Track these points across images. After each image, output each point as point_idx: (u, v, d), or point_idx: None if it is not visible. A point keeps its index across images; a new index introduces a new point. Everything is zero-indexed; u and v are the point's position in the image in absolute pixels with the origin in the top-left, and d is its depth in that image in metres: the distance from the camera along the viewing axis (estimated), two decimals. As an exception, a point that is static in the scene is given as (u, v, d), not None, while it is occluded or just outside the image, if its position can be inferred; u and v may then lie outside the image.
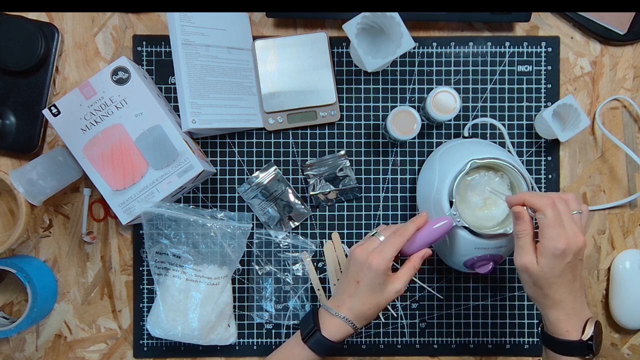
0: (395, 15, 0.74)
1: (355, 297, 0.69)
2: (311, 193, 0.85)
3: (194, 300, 0.79)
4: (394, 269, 0.70)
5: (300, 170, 0.85)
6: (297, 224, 0.85)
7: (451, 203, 0.73)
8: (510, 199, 0.67)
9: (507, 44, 0.85)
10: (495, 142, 0.84)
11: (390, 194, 0.86)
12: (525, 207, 0.65)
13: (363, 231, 0.85)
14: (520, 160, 0.85)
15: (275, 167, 0.85)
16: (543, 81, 0.85)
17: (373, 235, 0.71)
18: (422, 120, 0.83)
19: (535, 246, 0.64)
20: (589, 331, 0.64)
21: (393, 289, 0.68)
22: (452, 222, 0.71)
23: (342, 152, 0.85)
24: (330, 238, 0.85)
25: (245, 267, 0.85)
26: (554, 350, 0.66)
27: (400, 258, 0.74)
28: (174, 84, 0.84)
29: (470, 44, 0.85)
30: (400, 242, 0.68)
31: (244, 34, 0.84)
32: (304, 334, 0.70)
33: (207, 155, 0.85)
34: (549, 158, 0.86)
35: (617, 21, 0.84)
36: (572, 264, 0.63)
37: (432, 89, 0.82)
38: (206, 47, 0.79)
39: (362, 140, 0.86)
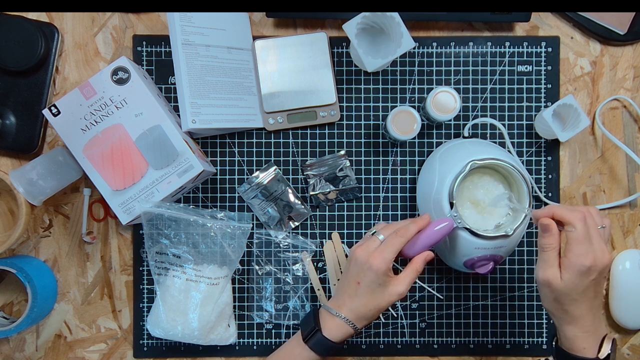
0: (395, 15, 0.74)
1: (356, 298, 0.69)
2: (311, 193, 0.85)
3: (194, 300, 0.79)
4: (394, 269, 0.69)
5: (300, 170, 0.85)
6: (297, 224, 0.85)
7: (452, 204, 0.73)
8: (538, 212, 0.65)
9: (507, 44, 0.85)
10: (495, 142, 0.84)
11: (390, 194, 0.86)
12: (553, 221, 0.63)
13: (363, 231, 0.85)
14: (520, 160, 0.85)
15: (275, 167, 0.85)
16: (543, 81, 0.85)
17: (373, 234, 0.71)
18: (422, 120, 0.83)
19: (560, 261, 0.63)
20: (606, 349, 0.63)
21: (395, 292, 0.68)
22: (453, 224, 0.71)
23: (342, 152, 0.85)
24: (330, 238, 0.85)
25: (245, 267, 0.85)
26: None
27: (400, 259, 0.74)
28: (174, 84, 0.84)
29: (470, 44, 0.85)
30: (401, 242, 0.68)
31: (244, 34, 0.84)
32: (305, 334, 0.70)
33: (207, 155, 0.85)
34: (549, 158, 0.86)
35: (617, 21, 0.84)
36: (596, 281, 0.62)
37: (432, 89, 0.82)
38: (206, 47, 0.79)
39: (362, 140, 0.86)
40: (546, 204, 0.85)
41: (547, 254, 0.63)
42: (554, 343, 0.70)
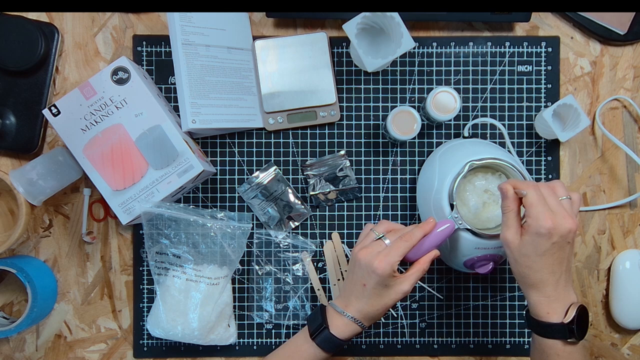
0: (395, 15, 0.74)
1: (362, 299, 0.69)
2: (311, 193, 0.85)
3: (194, 300, 0.79)
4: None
5: (300, 170, 0.85)
6: (297, 224, 0.85)
7: (452, 206, 0.73)
8: (500, 184, 0.68)
9: (507, 44, 0.85)
10: (495, 142, 0.84)
11: (390, 194, 0.86)
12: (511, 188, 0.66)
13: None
14: (520, 160, 0.85)
15: (275, 167, 0.85)
16: (543, 81, 0.85)
17: (379, 238, 0.71)
18: (422, 120, 0.83)
19: (521, 224, 0.65)
20: (571, 314, 0.64)
21: (400, 290, 0.68)
22: (454, 226, 0.71)
23: (342, 152, 0.85)
24: (330, 238, 0.85)
25: (245, 267, 0.85)
26: (536, 332, 0.66)
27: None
28: (174, 84, 0.84)
29: (470, 44, 0.85)
30: (407, 247, 0.68)
31: (244, 34, 0.84)
32: (312, 331, 0.71)
33: (207, 155, 0.85)
34: (549, 158, 0.86)
35: (617, 21, 0.84)
36: (559, 245, 0.63)
37: (432, 89, 0.82)
38: (206, 47, 0.79)
39: (362, 140, 0.86)
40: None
41: (506, 215, 0.66)
42: (524, 311, 0.70)
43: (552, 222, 0.62)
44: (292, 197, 0.84)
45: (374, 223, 0.75)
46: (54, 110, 0.76)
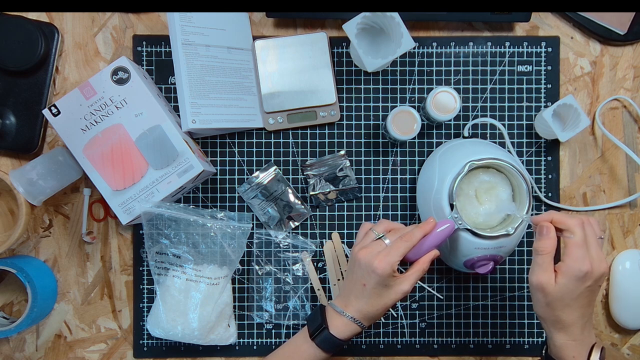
0: (395, 15, 0.74)
1: (362, 299, 0.69)
2: (311, 193, 0.85)
3: (194, 300, 0.79)
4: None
5: (300, 170, 0.85)
6: (297, 224, 0.85)
7: (452, 206, 0.73)
8: (537, 217, 0.65)
9: (507, 44, 0.85)
10: (495, 142, 0.84)
11: (390, 194, 0.86)
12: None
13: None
14: (520, 160, 0.85)
15: (275, 167, 0.85)
16: (543, 81, 0.85)
17: (379, 238, 0.70)
18: (422, 120, 0.83)
19: (554, 266, 0.63)
20: (595, 358, 0.63)
21: (400, 290, 0.68)
22: (454, 226, 0.71)
23: (342, 152, 0.85)
24: (330, 238, 0.85)
25: (245, 267, 0.85)
26: None
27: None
28: (174, 84, 0.84)
29: (470, 44, 0.85)
30: (407, 247, 0.68)
31: (244, 34, 0.84)
32: (312, 331, 0.71)
33: (207, 155, 0.85)
34: (549, 158, 0.86)
35: (617, 21, 0.84)
36: (591, 289, 0.62)
37: (432, 89, 0.82)
38: (206, 47, 0.79)
39: (362, 140, 0.86)
40: (546, 204, 0.85)
41: (542, 258, 0.63)
42: (543, 351, 0.70)
43: (591, 265, 0.61)
44: (292, 197, 0.85)
45: (373, 223, 0.75)
46: (54, 110, 0.76)
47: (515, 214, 0.72)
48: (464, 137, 0.85)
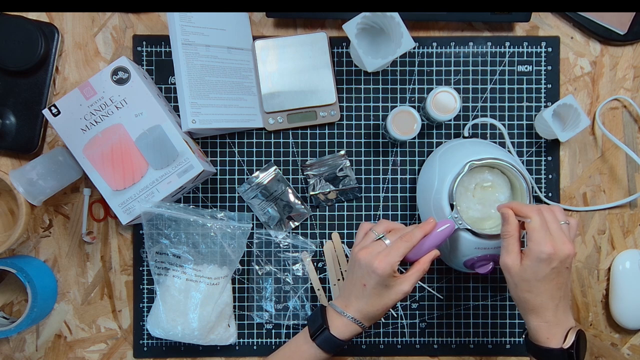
0: (395, 15, 0.74)
1: (362, 299, 0.69)
2: (311, 193, 0.85)
3: (194, 300, 0.79)
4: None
5: (300, 170, 0.85)
6: (297, 224, 0.85)
7: (452, 206, 0.73)
8: (500, 206, 0.69)
9: (507, 44, 0.85)
10: (495, 142, 0.84)
11: (390, 194, 0.86)
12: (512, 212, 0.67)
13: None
14: (520, 160, 0.85)
15: (275, 167, 0.85)
16: (543, 81, 0.85)
17: (380, 238, 0.70)
18: (422, 120, 0.83)
19: (520, 249, 0.66)
20: (570, 339, 0.64)
21: (401, 290, 0.68)
22: (454, 226, 0.71)
23: (342, 152, 0.85)
24: (330, 238, 0.85)
25: (245, 267, 0.85)
26: (535, 357, 0.67)
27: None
28: (174, 84, 0.84)
29: (470, 44, 0.85)
30: (407, 247, 0.68)
31: (244, 34, 0.84)
32: (312, 331, 0.71)
33: (207, 155, 0.85)
34: (549, 158, 0.86)
35: (617, 21, 0.84)
36: (557, 270, 0.64)
37: (432, 89, 0.82)
38: (206, 47, 0.79)
39: (362, 140, 0.86)
40: (547, 204, 0.85)
41: (507, 241, 0.66)
42: (524, 336, 0.71)
43: (553, 247, 0.63)
44: (292, 197, 0.84)
45: (373, 223, 0.75)
46: (54, 110, 0.76)
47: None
48: (464, 137, 0.85)
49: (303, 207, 0.85)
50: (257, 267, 0.85)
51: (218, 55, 0.80)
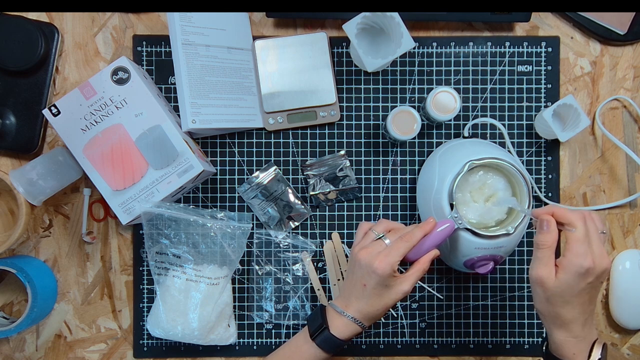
0: (395, 15, 0.74)
1: (362, 299, 0.69)
2: (311, 193, 0.85)
3: (194, 300, 0.79)
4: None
5: (300, 170, 0.85)
6: (297, 224, 0.85)
7: (452, 206, 0.73)
8: (538, 210, 0.64)
9: (507, 44, 0.85)
10: (495, 142, 0.84)
11: (390, 194, 0.86)
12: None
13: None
14: (520, 160, 0.85)
15: (275, 167, 0.85)
16: (543, 81, 0.85)
17: (379, 238, 0.70)
18: (422, 120, 0.83)
19: (555, 260, 0.62)
20: (596, 355, 0.62)
21: (401, 290, 0.68)
22: (454, 226, 0.71)
23: (342, 152, 0.85)
24: (330, 238, 0.85)
25: (245, 267, 0.85)
26: None
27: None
28: (174, 84, 0.84)
29: (470, 44, 0.85)
30: (407, 247, 0.68)
31: (244, 34, 0.84)
32: (312, 331, 0.71)
33: (207, 155, 0.85)
34: (549, 158, 0.86)
35: (617, 21, 0.84)
36: (593, 285, 0.61)
37: (432, 89, 0.82)
38: (206, 47, 0.79)
39: (362, 140, 0.86)
40: (546, 204, 0.85)
41: (543, 252, 0.62)
42: (543, 348, 0.69)
43: (593, 261, 0.59)
44: (292, 197, 0.85)
45: (373, 223, 0.75)
46: (54, 110, 0.76)
47: (516, 207, 0.71)
48: (464, 137, 0.85)
49: (303, 207, 0.85)
50: (257, 267, 0.85)
51: (218, 55, 0.80)
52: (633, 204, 0.86)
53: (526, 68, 0.85)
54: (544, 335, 0.78)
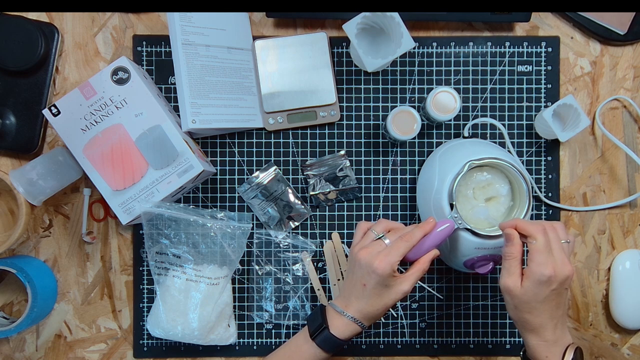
0: (395, 15, 0.74)
1: (362, 299, 0.69)
2: (311, 193, 0.85)
3: (194, 300, 0.79)
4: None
5: (300, 170, 0.85)
6: (297, 224, 0.85)
7: (452, 206, 0.73)
8: (503, 223, 0.68)
9: (507, 44, 0.85)
10: (495, 142, 0.84)
11: (390, 194, 0.86)
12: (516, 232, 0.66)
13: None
14: (520, 160, 0.85)
15: (275, 167, 0.85)
16: (543, 81, 0.85)
17: (379, 238, 0.71)
18: (422, 120, 0.83)
19: (522, 270, 0.65)
20: (568, 358, 0.65)
21: (401, 290, 0.68)
22: (453, 225, 0.71)
23: (342, 152, 0.85)
24: (330, 238, 0.85)
25: (245, 267, 0.85)
26: None
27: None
28: (174, 84, 0.84)
29: (470, 44, 0.85)
30: (407, 247, 0.68)
31: (244, 34, 0.84)
32: (312, 331, 0.71)
33: (207, 155, 0.85)
34: (549, 158, 0.86)
35: (617, 21, 0.84)
36: (557, 291, 0.64)
37: (432, 89, 0.82)
38: (206, 47, 0.79)
39: (362, 140, 0.86)
40: (546, 204, 0.85)
41: (509, 262, 0.65)
42: (521, 352, 0.71)
43: (554, 269, 0.62)
44: (292, 197, 0.84)
45: (372, 222, 0.75)
46: (54, 110, 0.76)
47: (488, 219, 0.74)
48: (464, 137, 0.85)
49: (303, 207, 0.85)
50: (257, 267, 0.85)
51: (218, 55, 0.80)
52: (633, 204, 0.86)
53: (526, 68, 0.85)
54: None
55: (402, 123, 0.78)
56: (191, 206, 0.84)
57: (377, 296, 0.68)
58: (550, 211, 0.85)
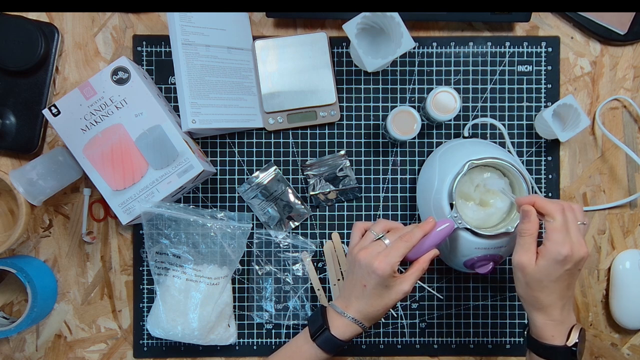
0: (395, 15, 0.75)
1: (363, 299, 0.69)
2: (311, 193, 0.85)
3: (194, 300, 0.79)
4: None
5: (300, 170, 0.85)
6: (297, 224, 0.85)
7: (451, 205, 0.73)
8: (521, 199, 0.67)
9: (507, 44, 0.85)
10: (495, 142, 0.84)
11: (390, 194, 0.86)
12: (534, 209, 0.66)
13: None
14: (520, 160, 0.85)
15: (275, 167, 0.85)
16: (543, 81, 0.85)
17: (379, 238, 0.70)
18: (422, 120, 0.83)
19: (536, 248, 0.65)
20: (574, 337, 0.65)
21: (401, 290, 0.68)
22: (453, 225, 0.71)
23: (342, 152, 0.85)
24: (330, 238, 0.85)
25: (245, 267, 0.85)
26: (538, 354, 0.67)
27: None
28: (174, 84, 0.84)
29: (470, 44, 0.85)
30: (407, 247, 0.68)
31: (244, 34, 0.84)
32: (313, 332, 0.71)
33: (207, 155, 0.85)
34: (549, 158, 0.86)
35: (617, 21, 0.84)
36: (571, 272, 0.64)
37: (432, 89, 0.82)
38: (206, 47, 0.79)
39: (362, 140, 0.86)
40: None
41: (524, 239, 0.65)
42: (525, 332, 0.71)
43: (571, 249, 0.62)
44: (292, 197, 0.85)
45: (369, 223, 0.75)
46: (54, 110, 0.76)
47: (505, 193, 0.73)
48: (464, 137, 0.85)
49: (303, 207, 0.85)
50: (257, 267, 0.85)
51: (218, 55, 0.80)
52: (633, 204, 0.86)
53: (526, 68, 0.85)
54: (527, 320, 0.79)
55: (402, 123, 0.78)
56: (191, 206, 0.84)
57: (378, 297, 0.68)
58: (550, 211, 0.85)
